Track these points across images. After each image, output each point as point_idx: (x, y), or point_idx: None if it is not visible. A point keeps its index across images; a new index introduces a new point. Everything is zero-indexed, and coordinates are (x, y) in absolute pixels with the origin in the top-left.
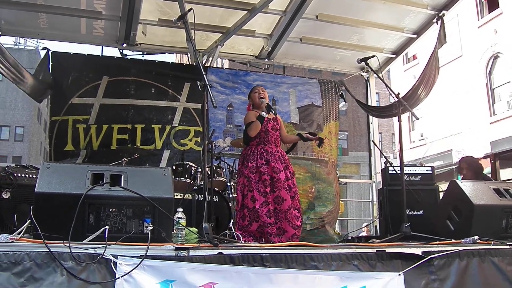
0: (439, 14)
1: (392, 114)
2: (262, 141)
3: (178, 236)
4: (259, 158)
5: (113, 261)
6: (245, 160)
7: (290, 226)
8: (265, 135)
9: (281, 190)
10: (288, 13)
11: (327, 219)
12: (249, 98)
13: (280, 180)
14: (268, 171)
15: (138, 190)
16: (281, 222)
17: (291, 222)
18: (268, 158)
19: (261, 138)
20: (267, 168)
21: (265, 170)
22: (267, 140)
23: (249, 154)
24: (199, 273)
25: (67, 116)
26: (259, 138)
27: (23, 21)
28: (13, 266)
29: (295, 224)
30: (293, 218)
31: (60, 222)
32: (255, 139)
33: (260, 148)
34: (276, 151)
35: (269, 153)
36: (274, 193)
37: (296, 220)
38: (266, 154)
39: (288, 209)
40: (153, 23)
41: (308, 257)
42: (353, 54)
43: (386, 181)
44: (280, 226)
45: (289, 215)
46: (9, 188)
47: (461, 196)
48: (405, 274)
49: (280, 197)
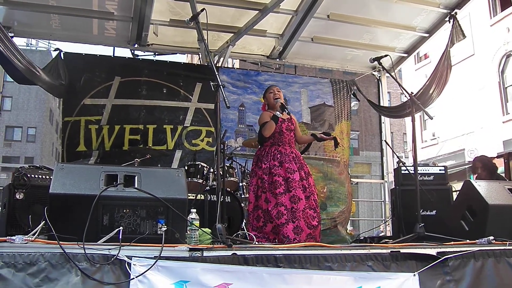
0: (452, 13)
1: (404, 114)
2: (276, 142)
3: (191, 237)
4: (273, 159)
5: (127, 262)
6: (259, 161)
7: (306, 225)
8: (279, 136)
9: (297, 189)
10: (299, 12)
11: (339, 219)
12: (264, 98)
13: (295, 180)
14: (281, 172)
15: (151, 191)
16: (299, 221)
17: (307, 221)
18: (281, 159)
19: (275, 139)
20: (280, 170)
21: (277, 171)
22: (281, 141)
23: (263, 155)
24: (213, 274)
25: (79, 116)
26: (273, 139)
27: (35, 23)
28: (28, 266)
29: (310, 224)
30: (309, 218)
31: (74, 223)
32: (269, 140)
33: (274, 149)
34: (290, 151)
35: (283, 154)
36: (290, 192)
37: (312, 220)
38: (280, 155)
39: (304, 209)
40: (164, 23)
41: (322, 258)
42: (365, 54)
43: (399, 181)
44: (298, 225)
45: (305, 214)
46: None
47: (475, 196)
48: (420, 274)
49: (296, 196)
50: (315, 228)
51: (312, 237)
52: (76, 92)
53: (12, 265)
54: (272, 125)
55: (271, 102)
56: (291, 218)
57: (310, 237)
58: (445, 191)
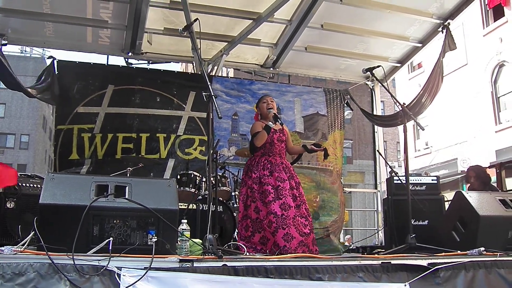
0: (445, 23)
1: (397, 123)
2: (267, 152)
3: (182, 247)
4: (263, 169)
5: (117, 273)
6: (249, 171)
7: (298, 233)
8: (270, 146)
9: (287, 197)
10: (293, 22)
11: (332, 229)
12: (257, 107)
13: (285, 188)
14: (271, 181)
15: (142, 201)
16: (289, 228)
17: (298, 229)
18: (272, 169)
19: (266, 149)
20: (270, 179)
21: (267, 180)
22: (272, 151)
23: (253, 165)
24: (203, 284)
25: (72, 125)
26: (264, 149)
27: (29, 30)
28: (17, 277)
29: (302, 231)
30: (300, 225)
31: (64, 233)
32: (260, 150)
33: (264, 159)
34: (280, 162)
35: (273, 164)
36: (280, 199)
37: (303, 228)
38: (270, 165)
39: (294, 217)
40: (158, 32)
41: (313, 269)
42: (358, 63)
43: (391, 191)
44: (288, 232)
45: (296, 222)
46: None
47: (466, 207)
48: (411, 284)
49: (286, 204)
50: (307, 236)
51: (305, 245)
52: (69, 100)
53: (1, 275)
54: (264, 135)
55: (264, 112)
56: (281, 225)
57: (303, 245)
58: (437, 201)
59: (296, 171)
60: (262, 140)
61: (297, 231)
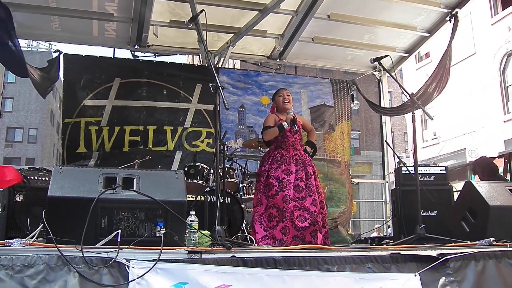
0: (452, 12)
1: (405, 111)
2: (280, 144)
3: (190, 239)
4: (272, 163)
5: (126, 265)
6: (261, 164)
7: (293, 227)
8: (282, 139)
9: (290, 190)
10: (299, 13)
11: (340, 220)
12: (273, 100)
13: (290, 181)
14: (278, 174)
15: (150, 193)
16: (287, 221)
17: (294, 223)
18: (281, 162)
19: (278, 142)
20: (277, 172)
21: (273, 174)
22: (285, 143)
23: (265, 158)
24: (212, 275)
25: (79, 118)
26: (277, 142)
27: (36, 24)
28: (26, 268)
29: (298, 226)
30: (296, 219)
31: (73, 226)
32: (273, 143)
33: (277, 153)
34: (294, 153)
35: (284, 156)
36: (283, 192)
37: (300, 222)
38: (280, 157)
39: (293, 210)
40: (164, 24)
41: (322, 260)
42: (365, 54)
43: (400, 181)
44: (286, 226)
45: (293, 215)
46: (22, 191)
47: (476, 197)
48: (421, 275)
49: (288, 196)
50: (304, 230)
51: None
52: (76, 94)
53: (10, 267)
54: (275, 133)
55: (279, 106)
56: (281, 218)
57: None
58: (446, 191)
59: None
60: (271, 136)
61: (292, 225)
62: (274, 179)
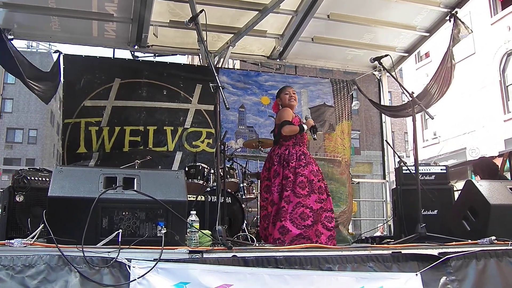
0: (452, 12)
1: (406, 113)
2: (298, 142)
3: (191, 239)
4: (298, 160)
5: (127, 265)
6: (284, 161)
7: (324, 228)
8: (301, 137)
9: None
10: (299, 12)
11: (341, 219)
12: (278, 97)
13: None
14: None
15: (151, 193)
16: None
17: (324, 223)
18: (306, 161)
19: (297, 139)
20: (305, 170)
21: (301, 171)
22: (302, 141)
23: (287, 154)
24: (213, 275)
25: (79, 118)
26: (295, 138)
27: (35, 25)
28: (27, 269)
29: (328, 226)
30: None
31: (73, 226)
32: (291, 139)
33: (299, 150)
34: (309, 153)
35: (307, 156)
36: (315, 194)
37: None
38: (303, 156)
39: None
40: (164, 24)
41: (323, 259)
42: (365, 53)
43: (400, 181)
44: (318, 229)
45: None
46: (23, 191)
47: (477, 196)
48: (422, 274)
49: (319, 199)
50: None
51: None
52: (76, 94)
53: (11, 267)
54: (296, 131)
55: (285, 103)
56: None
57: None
58: (446, 190)
59: None
60: (291, 133)
61: (323, 226)
62: (304, 178)
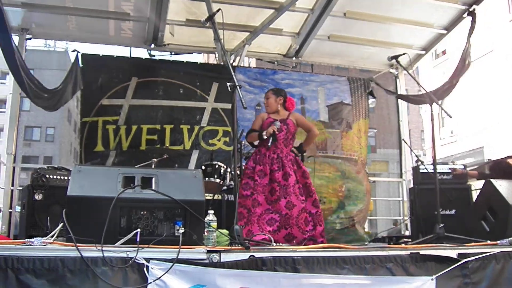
0: (470, 9)
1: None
2: (263, 143)
3: (209, 238)
4: (252, 161)
5: (145, 265)
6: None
7: (260, 230)
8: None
9: (259, 194)
10: (315, 10)
11: (357, 218)
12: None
13: (261, 184)
14: (251, 174)
15: (169, 192)
16: (252, 225)
17: (262, 227)
18: (258, 161)
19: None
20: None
21: (250, 174)
22: (267, 141)
23: (249, 157)
24: (230, 278)
25: (97, 117)
26: (261, 140)
27: (53, 24)
28: (48, 273)
29: (266, 230)
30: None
31: (92, 225)
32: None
33: (257, 151)
34: (273, 152)
35: (262, 154)
36: (253, 195)
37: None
38: (259, 156)
39: (261, 215)
40: (180, 23)
41: (341, 260)
42: (382, 51)
43: (418, 180)
44: (250, 230)
45: (261, 220)
46: (42, 189)
47: (496, 197)
48: (437, 278)
49: (256, 201)
50: (273, 233)
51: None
52: (93, 93)
53: (32, 270)
54: (255, 139)
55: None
56: (248, 221)
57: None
58: (464, 190)
59: (321, 160)
60: (252, 140)
61: (260, 229)
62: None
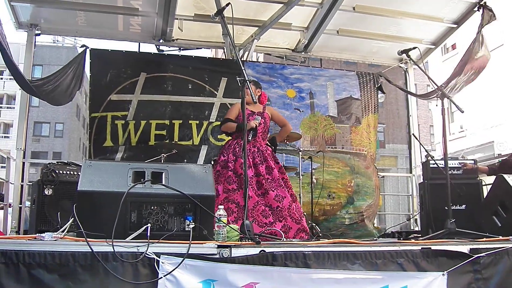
0: (480, 2)
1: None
2: (241, 135)
3: (219, 233)
4: (232, 154)
5: (156, 260)
6: (220, 153)
7: (257, 224)
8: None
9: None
10: (324, 5)
11: (367, 213)
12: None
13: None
14: (236, 167)
15: (179, 187)
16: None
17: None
18: (238, 154)
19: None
20: (235, 164)
21: (232, 166)
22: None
23: (225, 148)
24: (240, 273)
25: (105, 112)
26: (239, 131)
27: (62, 20)
28: (59, 267)
29: (262, 222)
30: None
31: (103, 220)
32: (235, 133)
33: (235, 143)
34: (252, 145)
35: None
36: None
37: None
38: (239, 148)
39: (254, 207)
40: (189, 18)
41: (352, 255)
42: (391, 46)
43: (428, 175)
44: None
45: (255, 212)
46: (52, 185)
47: (508, 191)
48: (448, 274)
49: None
50: (269, 226)
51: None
52: (102, 88)
53: (43, 265)
54: (232, 129)
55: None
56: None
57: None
58: (475, 185)
59: (330, 155)
60: (228, 130)
61: (255, 221)
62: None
